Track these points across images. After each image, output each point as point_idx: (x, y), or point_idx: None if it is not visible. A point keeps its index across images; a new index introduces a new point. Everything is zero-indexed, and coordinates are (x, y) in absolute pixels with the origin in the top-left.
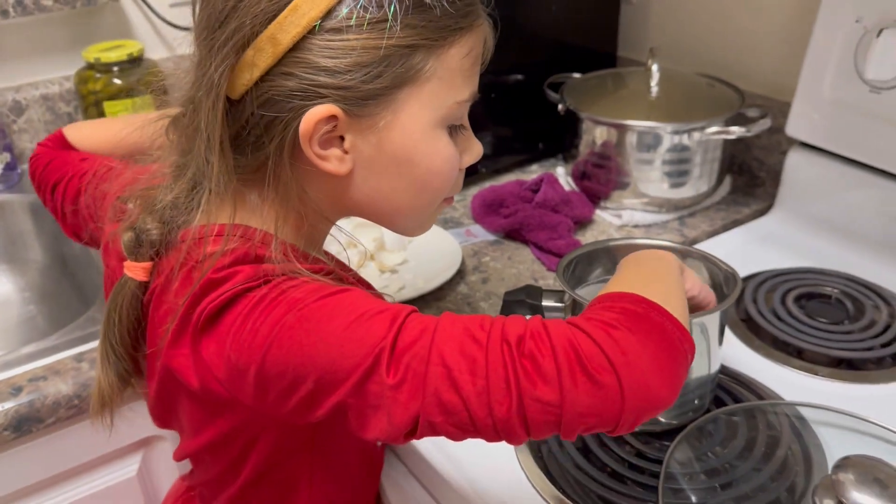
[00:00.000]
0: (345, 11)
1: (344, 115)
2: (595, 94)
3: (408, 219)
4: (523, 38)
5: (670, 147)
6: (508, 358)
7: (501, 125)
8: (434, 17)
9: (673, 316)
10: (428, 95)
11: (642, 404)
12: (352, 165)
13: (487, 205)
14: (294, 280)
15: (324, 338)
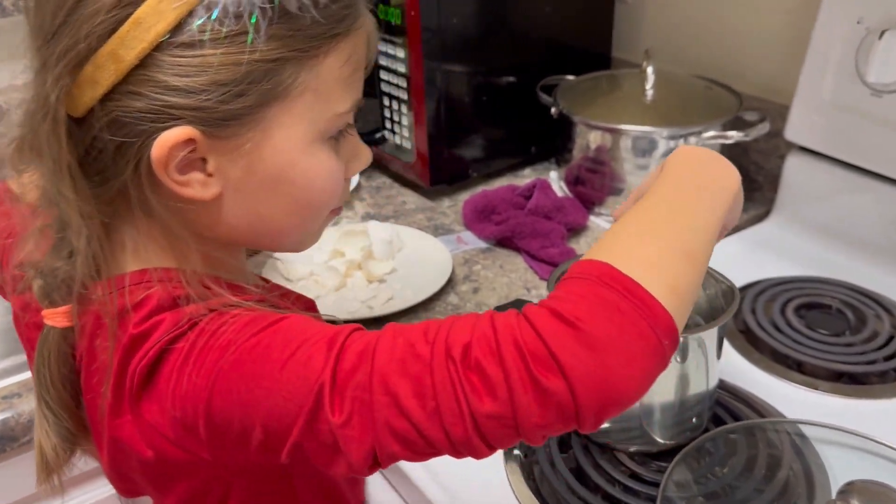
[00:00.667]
0: (197, 24)
1: (203, 138)
2: (589, 97)
3: (292, 238)
4: (515, 39)
5: (666, 152)
6: (454, 374)
7: (493, 128)
8: (303, 25)
9: (654, 301)
10: (302, 110)
11: (601, 404)
12: (219, 189)
13: (479, 211)
14: (223, 316)
15: (261, 382)
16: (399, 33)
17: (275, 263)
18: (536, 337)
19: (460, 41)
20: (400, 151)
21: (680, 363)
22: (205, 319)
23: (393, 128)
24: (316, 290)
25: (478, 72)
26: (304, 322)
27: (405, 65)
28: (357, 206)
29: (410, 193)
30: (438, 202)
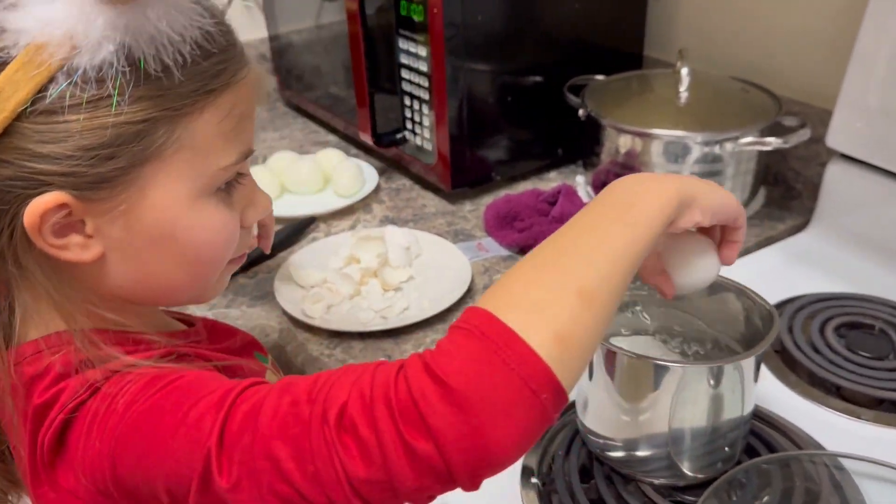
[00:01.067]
0: (57, 91)
1: (76, 201)
2: (619, 98)
3: (188, 292)
4: (543, 37)
5: (700, 158)
6: (329, 438)
7: (518, 129)
8: (171, 84)
9: (530, 353)
10: (180, 168)
11: (474, 467)
12: (100, 249)
13: (501, 217)
14: (124, 378)
15: (156, 446)
16: (421, 31)
17: (288, 269)
18: (408, 395)
19: (485, 39)
20: (421, 153)
21: (713, 388)
22: (107, 383)
23: (413, 128)
24: (329, 298)
25: (503, 70)
26: (199, 380)
27: (427, 63)
28: (375, 208)
29: (431, 196)
30: (459, 206)
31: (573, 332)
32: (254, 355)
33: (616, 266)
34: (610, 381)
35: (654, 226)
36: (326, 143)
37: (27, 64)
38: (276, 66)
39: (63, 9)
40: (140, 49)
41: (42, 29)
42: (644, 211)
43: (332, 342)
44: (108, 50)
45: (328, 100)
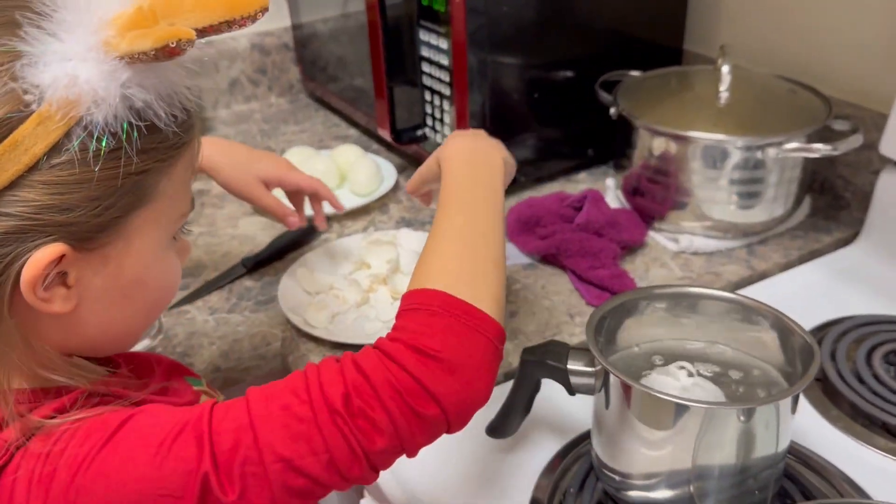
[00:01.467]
0: (76, 144)
1: (72, 252)
2: (654, 97)
3: (134, 337)
4: (575, 29)
5: (740, 163)
6: (343, 426)
7: (545, 127)
8: (165, 137)
9: (486, 316)
10: (158, 215)
11: (467, 412)
12: (77, 301)
13: (523, 222)
14: (52, 436)
15: (130, 491)
16: (444, 22)
17: (295, 273)
18: (408, 375)
19: (511, 30)
20: None
21: (744, 423)
22: (30, 444)
23: (434, 125)
24: (335, 305)
25: (530, 64)
26: (153, 416)
27: (448, 56)
28: (392, 209)
29: None
30: None
31: (499, 291)
32: (184, 380)
33: (500, 229)
34: (628, 411)
35: (501, 186)
36: (347, 137)
37: (47, 119)
38: (298, 55)
39: (88, 66)
40: (154, 106)
41: (66, 84)
42: (496, 176)
43: (335, 354)
44: (125, 105)
45: (351, 93)
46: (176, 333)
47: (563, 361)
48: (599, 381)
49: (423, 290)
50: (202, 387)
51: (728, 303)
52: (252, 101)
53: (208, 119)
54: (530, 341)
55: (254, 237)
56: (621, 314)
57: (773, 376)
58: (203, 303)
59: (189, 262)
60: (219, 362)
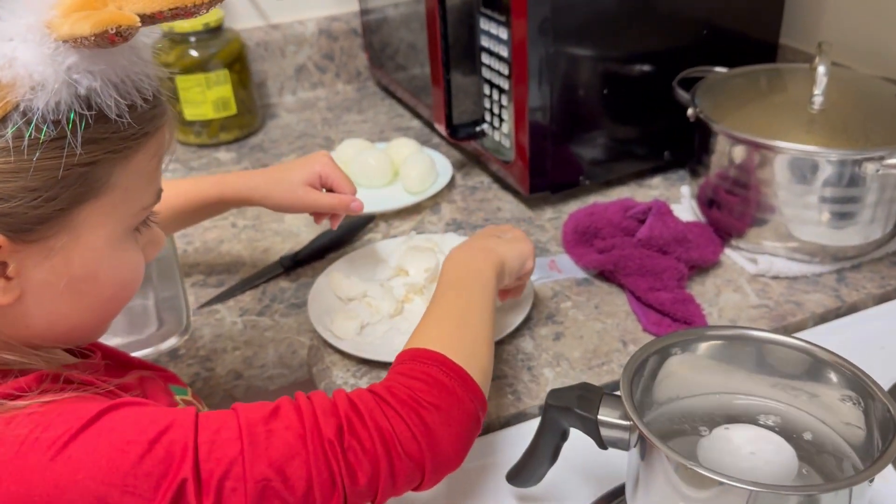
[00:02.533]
0: (11, 131)
1: (9, 243)
2: (740, 98)
3: (89, 331)
4: (655, 19)
5: (833, 179)
6: (332, 458)
7: (616, 126)
8: (118, 128)
9: (473, 383)
10: (111, 208)
11: (442, 472)
12: (19, 292)
13: (580, 232)
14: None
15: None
16: (505, 10)
17: (329, 276)
18: (402, 423)
19: (579, 19)
20: (500, 149)
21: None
22: None
23: (493, 121)
24: (366, 315)
25: (600, 58)
26: (134, 412)
27: (508, 47)
28: (444, 209)
29: (508, 199)
30: (539, 212)
31: (488, 365)
32: (167, 387)
33: (492, 315)
34: (667, 477)
35: (494, 278)
36: (409, 129)
37: None
38: (366, 42)
39: (27, 48)
40: (102, 94)
41: (2, 67)
42: (489, 270)
43: (360, 370)
44: (70, 93)
45: (415, 83)
46: (202, 335)
47: (594, 411)
48: (634, 437)
49: (422, 349)
50: (186, 396)
51: (797, 351)
52: (318, 87)
53: (272, 106)
54: (573, 369)
55: (297, 234)
56: (666, 358)
57: (846, 450)
58: (235, 302)
59: (227, 258)
60: (241, 369)
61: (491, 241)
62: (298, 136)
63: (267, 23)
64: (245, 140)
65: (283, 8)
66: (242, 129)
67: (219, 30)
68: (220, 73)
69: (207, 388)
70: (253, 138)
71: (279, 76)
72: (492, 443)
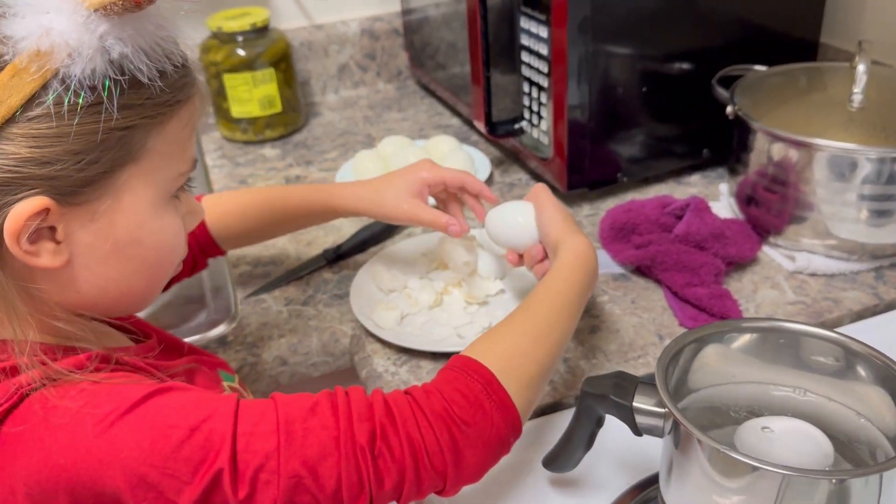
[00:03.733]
0: (52, 97)
1: (57, 206)
2: (779, 96)
3: (138, 298)
4: (695, 17)
5: (872, 176)
6: (362, 462)
7: (655, 124)
8: (152, 94)
9: (513, 409)
10: (149, 172)
11: (461, 486)
12: (67, 256)
13: (617, 228)
14: (67, 389)
15: (140, 462)
16: (545, 8)
17: (370, 269)
18: (434, 437)
19: (618, 19)
20: (538, 146)
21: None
22: (39, 392)
23: (532, 118)
24: (406, 305)
25: (639, 56)
26: (179, 398)
27: (548, 45)
28: (484, 204)
29: None
30: (576, 209)
31: (537, 397)
32: (216, 372)
33: (566, 342)
34: (701, 464)
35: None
36: (448, 127)
37: (22, 70)
38: (407, 41)
39: (62, 18)
40: (134, 59)
41: (40, 37)
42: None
43: (400, 359)
44: (104, 59)
45: (455, 81)
46: (249, 322)
47: (629, 398)
48: (669, 424)
49: (476, 362)
50: (233, 383)
51: (831, 343)
52: (360, 86)
53: (315, 104)
54: (609, 361)
55: (340, 228)
56: (701, 348)
57: (876, 434)
58: (280, 292)
59: (273, 251)
60: (287, 356)
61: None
62: (340, 134)
63: (311, 23)
64: (289, 137)
65: (326, 8)
66: (287, 126)
67: (265, 30)
68: (266, 71)
69: (254, 374)
70: (297, 135)
71: (322, 75)
72: (529, 430)
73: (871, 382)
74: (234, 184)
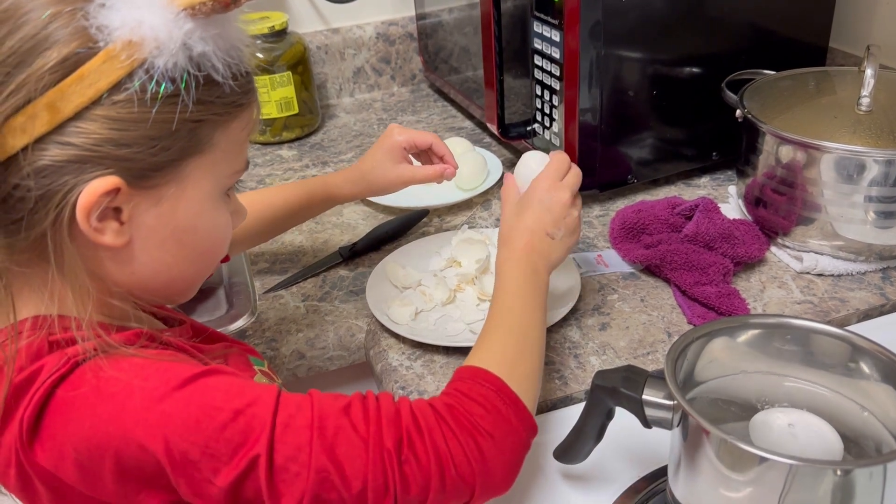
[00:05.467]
0: (137, 84)
1: (127, 188)
2: (787, 99)
3: (186, 285)
4: (705, 22)
5: (879, 178)
6: (388, 466)
7: (665, 127)
8: (223, 93)
9: (526, 411)
10: (211, 166)
11: (489, 496)
12: (129, 237)
13: (628, 228)
14: (119, 362)
15: (186, 437)
16: (558, 13)
17: (385, 266)
18: (459, 446)
19: (629, 24)
20: (550, 148)
21: (842, 478)
22: (91, 362)
23: (544, 120)
24: (420, 303)
25: (650, 60)
26: (226, 381)
27: (560, 50)
28: (494, 205)
29: None
30: (587, 209)
31: (538, 390)
32: (247, 357)
33: (545, 326)
34: (708, 456)
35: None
36: (461, 129)
37: (113, 58)
38: (421, 45)
39: (153, 14)
40: (212, 58)
41: (132, 28)
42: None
43: (415, 353)
44: (186, 55)
45: (468, 85)
46: (268, 317)
47: (639, 391)
48: (677, 417)
49: (483, 370)
50: (263, 367)
51: (837, 339)
52: (375, 89)
53: (331, 106)
54: (619, 358)
55: (355, 226)
56: (709, 343)
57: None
58: (297, 288)
59: (289, 248)
60: (304, 350)
61: (546, 242)
62: (356, 136)
63: (328, 27)
64: (306, 139)
65: (343, 13)
66: (304, 128)
67: (283, 33)
68: (284, 74)
69: (272, 367)
70: (313, 137)
71: (338, 78)
72: (540, 423)
73: (877, 379)
74: (253, 183)
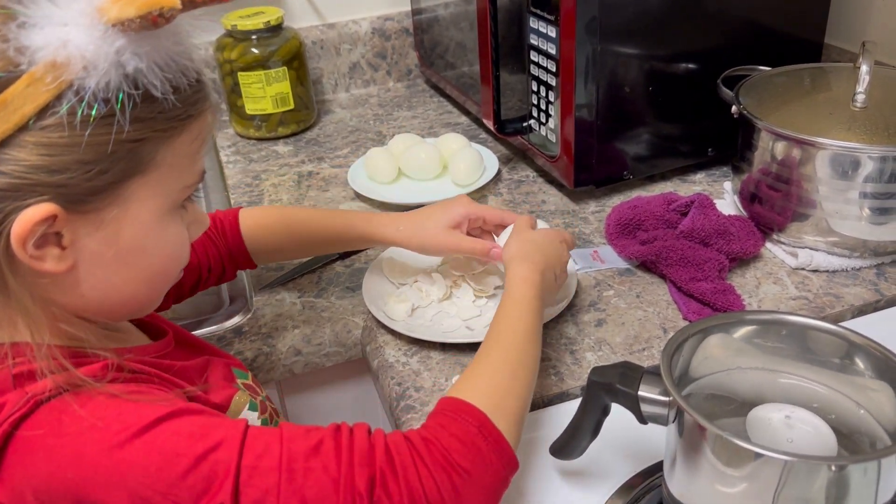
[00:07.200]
0: (65, 108)
1: (64, 214)
2: (782, 96)
3: (140, 305)
4: (700, 18)
5: (874, 175)
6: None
7: (661, 123)
8: (164, 108)
9: (509, 450)
10: (157, 184)
11: None
12: (72, 262)
13: (623, 224)
14: (85, 401)
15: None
16: (554, 9)
17: (381, 262)
18: (434, 486)
19: (625, 19)
20: (546, 144)
21: (836, 474)
22: (55, 400)
23: (540, 116)
24: (416, 299)
25: (646, 56)
26: (188, 424)
27: (556, 45)
28: (491, 201)
29: (553, 192)
30: (583, 205)
31: (522, 425)
32: (230, 370)
33: (538, 358)
34: (703, 451)
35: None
36: (457, 125)
37: (37, 81)
38: (417, 41)
39: (80, 32)
40: (149, 74)
41: (57, 48)
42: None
43: (411, 349)
44: (119, 73)
45: (464, 80)
46: (264, 314)
47: (635, 387)
48: (673, 413)
49: (467, 404)
50: (247, 380)
51: (832, 335)
52: (370, 85)
53: (327, 101)
54: (615, 354)
55: None
56: (705, 339)
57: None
58: (294, 285)
59: None
60: (301, 346)
61: (551, 279)
62: (352, 131)
63: (323, 22)
64: (301, 134)
65: (339, 8)
66: (299, 123)
67: (279, 28)
68: (280, 70)
69: (269, 364)
70: (309, 132)
71: (334, 73)
72: (536, 419)
73: (872, 375)
74: (248, 179)
